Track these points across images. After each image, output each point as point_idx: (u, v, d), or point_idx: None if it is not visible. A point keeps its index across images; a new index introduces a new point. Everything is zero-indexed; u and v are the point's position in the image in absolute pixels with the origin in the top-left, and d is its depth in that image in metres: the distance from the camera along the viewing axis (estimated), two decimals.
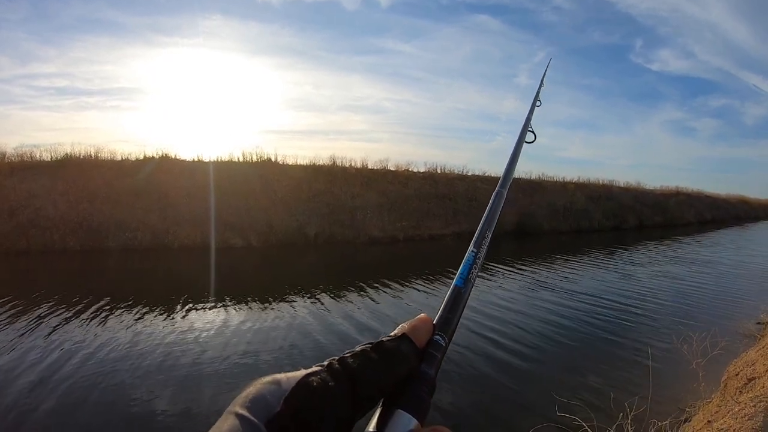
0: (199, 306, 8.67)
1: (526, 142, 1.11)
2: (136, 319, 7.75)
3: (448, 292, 0.57)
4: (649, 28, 74.25)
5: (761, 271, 14.61)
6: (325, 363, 0.42)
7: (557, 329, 7.83)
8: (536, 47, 72.78)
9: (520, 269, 13.69)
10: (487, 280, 11.69)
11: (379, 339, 0.47)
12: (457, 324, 0.54)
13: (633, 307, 9.55)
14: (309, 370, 0.40)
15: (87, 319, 7.73)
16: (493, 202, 0.79)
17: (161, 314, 8.07)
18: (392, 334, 0.48)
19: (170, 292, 9.77)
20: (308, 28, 63.58)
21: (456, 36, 70.39)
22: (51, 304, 8.50)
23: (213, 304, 8.87)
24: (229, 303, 8.91)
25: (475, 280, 0.61)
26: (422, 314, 0.52)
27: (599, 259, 16.23)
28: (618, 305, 9.60)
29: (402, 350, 0.46)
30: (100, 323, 7.53)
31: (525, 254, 16.61)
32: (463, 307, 0.57)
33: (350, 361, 0.43)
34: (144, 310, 8.22)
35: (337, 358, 0.43)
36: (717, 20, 73.18)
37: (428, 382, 0.46)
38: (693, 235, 27.18)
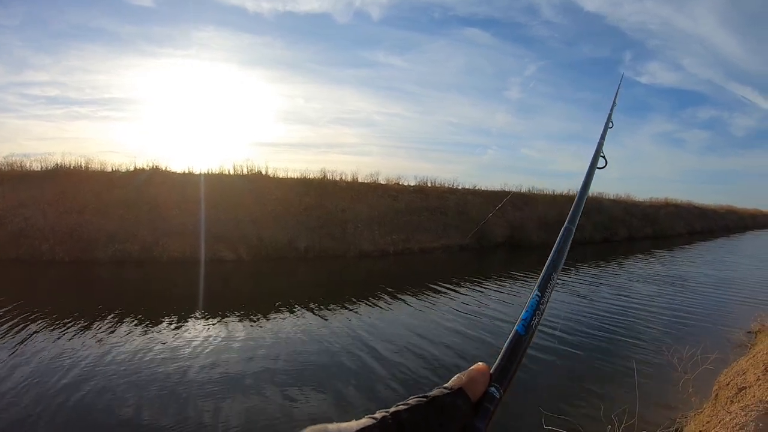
0: (187, 320, 8.63)
1: (598, 168, 1.02)
2: (125, 333, 7.69)
3: (508, 339, 0.56)
4: (638, 42, 75.31)
5: (749, 283, 14.87)
6: (378, 416, 0.43)
7: (545, 342, 7.77)
8: (527, 60, 73.57)
9: (510, 281, 13.73)
10: (479, 292, 11.70)
11: (434, 392, 0.47)
12: (514, 374, 0.53)
13: (623, 320, 9.58)
14: (362, 426, 0.41)
15: (72, 330, 7.64)
16: (561, 241, 0.72)
17: (149, 327, 8.02)
18: (448, 386, 0.49)
19: (159, 305, 9.73)
20: (300, 41, 63.82)
21: (447, 50, 70.93)
22: (37, 315, 8.42)
23: (202, 318, 8.85)
24: (218, 317, 8.86)
25: (537, 328, 0.58)
26: (479, 364, 0.52)
27: (588, 272, 16.30)
28: (608, 318, 9.63)
29: (457, 406, 0.46)
30: (86, 335, 7.46)
31: (515, 267, 16.68)
32: (522, 356, 0.55)
33: (405, 416, 0.43)
34: (132, 323, 8.17)
35: (390, 411, 0.44)
36: (706, 33, 74.44)
37: None
38: (682, 247, 27.53)
